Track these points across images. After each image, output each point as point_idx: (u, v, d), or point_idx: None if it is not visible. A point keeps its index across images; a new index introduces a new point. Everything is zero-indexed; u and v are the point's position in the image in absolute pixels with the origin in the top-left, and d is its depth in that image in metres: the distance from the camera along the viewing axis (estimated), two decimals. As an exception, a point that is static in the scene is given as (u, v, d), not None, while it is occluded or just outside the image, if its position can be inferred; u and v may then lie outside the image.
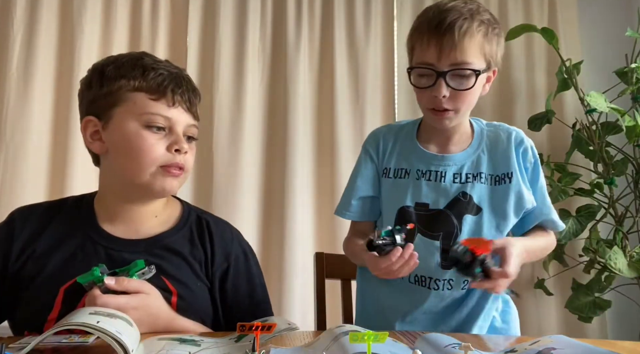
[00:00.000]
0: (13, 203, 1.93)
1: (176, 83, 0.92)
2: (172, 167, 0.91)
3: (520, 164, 1.05)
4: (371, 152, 1.13)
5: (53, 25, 2.12)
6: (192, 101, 0.95)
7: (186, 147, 0.92)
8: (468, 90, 0.95)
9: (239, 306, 0.99)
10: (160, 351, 0.67)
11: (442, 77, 0.94)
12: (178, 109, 0.92)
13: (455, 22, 0.92)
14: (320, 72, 2.28)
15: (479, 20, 0.95)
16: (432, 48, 0.94)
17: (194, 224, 1.01)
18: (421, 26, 0.97)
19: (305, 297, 2.04)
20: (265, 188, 2.19)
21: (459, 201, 1.02)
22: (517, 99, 2.31)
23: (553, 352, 0.59)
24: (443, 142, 1.07)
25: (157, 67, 0.92)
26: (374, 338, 0.59)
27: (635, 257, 1.91)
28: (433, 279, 1.03)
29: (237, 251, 1.03)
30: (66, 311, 0.79)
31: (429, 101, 0.98)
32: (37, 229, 0.93)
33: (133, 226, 0.96)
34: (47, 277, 0.88)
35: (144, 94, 0.90)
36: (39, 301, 0.87)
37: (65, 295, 0.86)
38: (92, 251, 0.91)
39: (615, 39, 2.31)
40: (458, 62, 0.93)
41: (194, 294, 0.93)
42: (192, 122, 0.95)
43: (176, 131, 0.92)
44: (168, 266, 0.92)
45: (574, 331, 2.12)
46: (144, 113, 0.90)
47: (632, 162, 2.08)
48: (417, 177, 1.06)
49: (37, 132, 2.04)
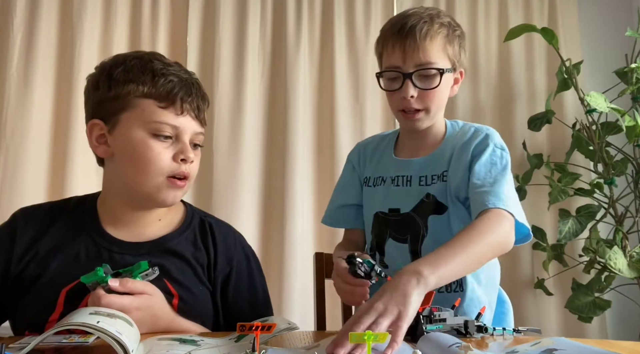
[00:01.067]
0: (13, 203, 1.94)
1: (186, 90, 0.91)
2: (177, 177, 0.90)
3: (467, 152, 1.02)
4: (353, 162, 1.20)
5: (53, 25, 2.12)
6: (200, 108, 0.93)
7: (192, 157, 0.91)
8: (434, 89, 0.99)
9: (240, 311, 0.98)
10: (161, 351, 0.67)
11: (409, 78, 0.98)
12: (186, 118, 0.91)
13: (416, 26, 0.98)
14: (320, 72, 2.28)
15: (439, 23, 1.00)
16: (396, 52, 0.99)
17: (197, 227, 1.00)
18: (386, 33, 1.02)
19: (305, 297, 2.04)
20: (265, 188, 2.19)
21: (423, 202, 1.04)
22: (517, 99, 2.31)
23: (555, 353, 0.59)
24: (415, 147, 1.10)
25: (167, 72, 0.90)
26: (374, 338, 0.59)
27: (635, 257, 1.91)
28: None
29: (240, 256, 1.03)
30: (67, 312, 0.77)
31: (399, 103, 1.01)
32: (40, 230, 0.93)
33: (136, 229, 0.95)
34: (50, 279, 0.87)
35: (153, 101, 0.88)
36: (40, 302, 0.86)
37: (67, 296, 0.86)
38: (95, 253, 0.91)
39: (615, 39, 2.31)
40: (422, 63, 0.98)
41: (196, 298, 0.93)
42: (199, 129, 0.94)
43: (183, 139, 0.90)
44: (171, 269, 0.92)
45: (574, 331, 2.12)
46: (152, 121, 0.88)
47: (632, 162, 2.08)
48: (389, 184, 1.10)
49: (37, 132, 2.04)
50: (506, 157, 1.02)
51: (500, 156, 1.01)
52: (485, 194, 0.93)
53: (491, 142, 1.02)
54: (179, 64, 0.96)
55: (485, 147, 1.01)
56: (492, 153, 1.01)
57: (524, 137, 2.23)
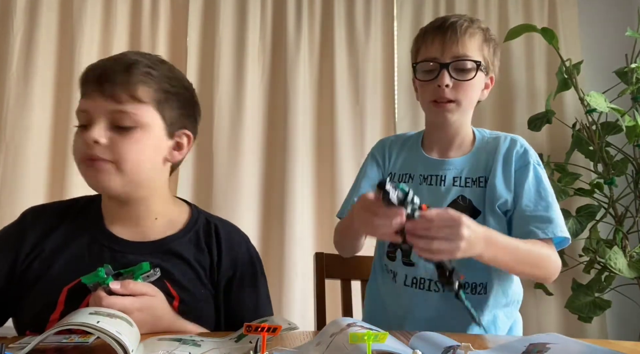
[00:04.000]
0: (13, 203, 1.94)
1: (101, 72, 0.85)
2: (87, 160, 0.85)
3: (510, 164, 1.06)
4: (377, 157, 1.19)
5: (53, 25, 2.12)
6: (114, 83, 0.84)
7: (96, 136, 0.83)
8: (469, 81, 1.02)
9: (242, 314, 0.96)
10: (161, 351, 0.67)
11: (445, 68, 1.02)
12: (93, 99, 0.85)
13: (457, 22, 1.03)
14: (320, 72, 2.28)
15: (478, 26, 1.06)
16: (436, 44, 1.03)
17: (202, 229, 0.99)
18: (426, 30, 1.08)
19: (305, 297, 2.04)
20: (265, 188, 2.19)
21: (457, 204, 1.04)
22: (517, 99, 2.31)
23: (548, 346, 0.59)
24: (445, 147, 1.11)
25: (95, 66, 0.88)
26: (374, 338, 0.59)
27: (635, 258, 1.91)
28: (433, 281, 1.04)
29: (245, 258, 1.02)
30: (68, 311, 0.77)
31: (433, 93, 1.04)
32: (47, 229, 0.92)
33: (138, 228, 0.94)
34: (52, 277, 0.87)
35: (81, 96, 0.89)
36: (42, 300, 0.86)
37: (69, 295, 0.86)
38: (97, 252, 0.90)
39: (615, 39, 2.31)
40: (460, 55, 1.02)
41: (197, 300, 0.92)
42: (114, 107, 0.84)
43: (93, 122, 0.85)
44: (172, 271, 0.91)
45: (574, 331, 2.12)
46: (76, 112, 0.89)
47: (632, 162, 2.08)
48: (419, 182, 1.09)
49: (37, 132, 2.04)
50: (544, 173, 1.07)
51: (542, 173, 1.06)
52: (542, 221, 0.99)
53: (531, 159, 1.06)
54: (139, 53, 0.92)
55: (527, 164, 1.05)
56: (535, 169, 1.05)
57: (524, 137, 2.22)
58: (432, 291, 1.04)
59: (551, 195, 1.03)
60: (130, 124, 0.85)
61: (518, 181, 1.04)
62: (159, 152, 0.91)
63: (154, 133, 0.88)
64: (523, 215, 1.00)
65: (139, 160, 0.87)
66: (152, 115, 0.88)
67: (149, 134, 0.87)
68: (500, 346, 0.69)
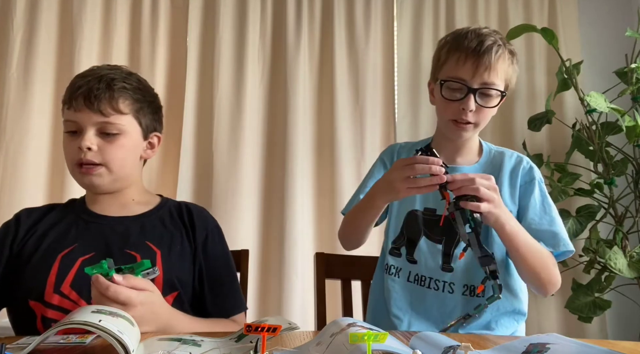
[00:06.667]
0: (13, 203, 1.94)
1: (87, 89, 1.01)
2: (81, 164, 1.01)
3: (516, 178, 1.12)
4: (386, 161, 1.24)
5: (53, 25, 2.13)
6: (100, 99, 1.00)
7: (89, 144, 0.99)
8: (491, 108, 1.07)
9: (217, 269, 1.10)
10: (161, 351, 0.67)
11: (473, 93, 1.04)
12: (84, 112, 1.00)
13: (492, 47, 1.03)
14: (320, 72, 2.28)
15: (509, 50, 1.07)
16: (468, 66, 1.03)
17: (173, 207, 1.14)
18: (459, 45, 1.06)
19: (305, 297, 2.04)
20: (265, 188, 2.19)
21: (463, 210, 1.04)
22: (517, 99, 2.31)
23: (548, 346, 0.59)
24: (451, 154, 1.15)
25: (81, 84, 1.02)
26: (374, 338, 0.59)
27: (635, 257, 1.91)
28: (433, 280, 1.07)
29: (213, 226, 1.15)
30: (62, 274, 0.93)
31: (455, 113, 1.07)
32: (40, 216, 1.07)
33: (116, 208, 1.08)
34: (45, 248, 0.99)
35: (65, 106, 1.04)
36: (37, 268, 0.96)
37: (62, 260, 0.96)
38: (84, 226, 1.04)
39: (615, 39, 2.32)
40: (488, 82, 1.04)
41: (176, 254, 1.04)
42: (102, 119, 1.01)
43: (83, 131, 1.00)
44: (152, 233, 1.05)
45: (574, 331, 2.12)
46: (63, 121, 1.04)
47: (632, 162, 2.08)
48: None
49: (37, 132, 2.04)
50: (546, 190, 1.13)
51: (546, 190, 1.13)
52: (547, 235, 1.05)
53: (536, 176, 1.12)
54: (110, 67, 1.07)
55: (533, 179, 1.12)
56: (540, 186, 1.11)
57: (524, 138, 2.23)
58: (432, 289, 1.08)
59: (554, 211, 1.09)
60: (115, 132, 1.02)
61: (524, 194, 1.10)
62: (137, 152, 1.09)
63: (134, 137, 1.06)
64: (529, 228, 1.04)
65: (124, 160, 1.05)
66: (132, 122, 1.05)
67: (130, 139, 1.05)
68: (500, 346, 0.69)
